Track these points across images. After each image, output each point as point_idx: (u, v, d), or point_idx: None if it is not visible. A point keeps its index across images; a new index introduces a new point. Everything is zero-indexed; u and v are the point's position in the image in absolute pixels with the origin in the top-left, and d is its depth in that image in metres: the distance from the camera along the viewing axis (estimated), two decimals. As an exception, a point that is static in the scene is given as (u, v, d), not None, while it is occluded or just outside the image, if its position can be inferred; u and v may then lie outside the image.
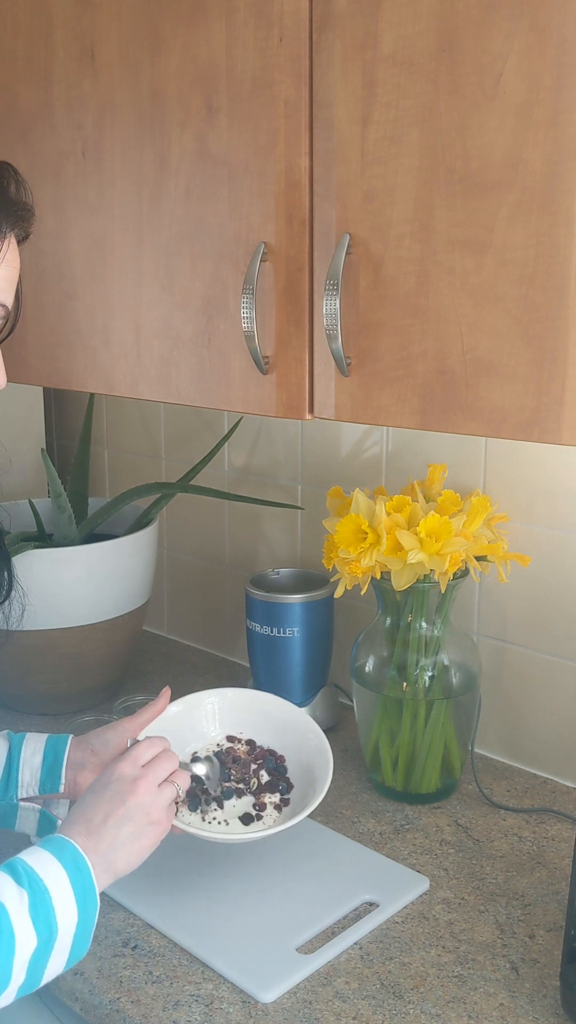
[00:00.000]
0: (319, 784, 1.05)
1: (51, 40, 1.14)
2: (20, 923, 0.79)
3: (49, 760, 1.05)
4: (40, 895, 0.81)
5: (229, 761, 1.10)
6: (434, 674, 1.21)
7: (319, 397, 0.98)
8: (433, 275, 0.86)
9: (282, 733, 1.13)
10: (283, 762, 1.12)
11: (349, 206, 0.91)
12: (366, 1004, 0.90)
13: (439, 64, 0.83)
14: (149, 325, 1.11)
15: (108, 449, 1.88)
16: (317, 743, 1.10)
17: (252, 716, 1.15)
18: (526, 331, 0.81)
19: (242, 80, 0.96)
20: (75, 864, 0.84)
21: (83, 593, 1.41)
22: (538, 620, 1.28)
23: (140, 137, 1.07)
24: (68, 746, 1.06)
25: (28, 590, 1.36)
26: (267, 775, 1.10)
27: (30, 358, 1.27)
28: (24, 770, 1.04)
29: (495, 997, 0.91)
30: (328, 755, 1.08)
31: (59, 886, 0.82)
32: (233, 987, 0.92)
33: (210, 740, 1.13)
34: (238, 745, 1.13)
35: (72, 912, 0.82)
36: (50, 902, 0.81)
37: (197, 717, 1.14)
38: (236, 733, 1.14)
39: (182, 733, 1.11)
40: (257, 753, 1.13)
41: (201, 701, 1.15)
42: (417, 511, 1.17)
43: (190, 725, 1.13)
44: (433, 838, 1.16)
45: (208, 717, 1.14)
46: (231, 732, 1.14)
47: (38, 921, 0.80)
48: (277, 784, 1.09)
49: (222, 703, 1.15)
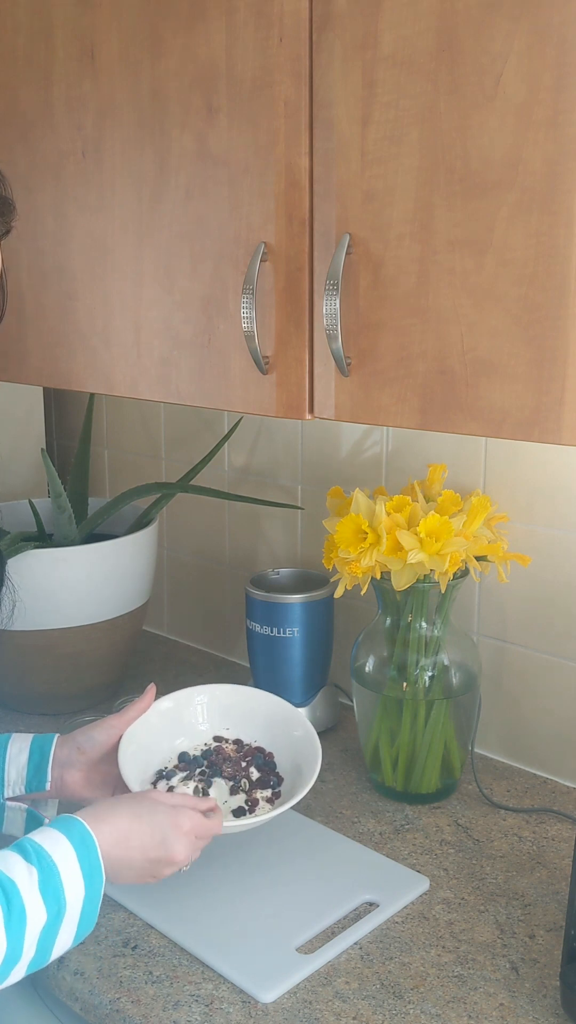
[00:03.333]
0: (308, 773, 1.06)
1: (51, 40, 1.14)
2: (31, 899, 0.80)
3: (36, 758, 1.05)
4: (49, 871, 0.82)
5: (220, 761, 1.11)
6: (434, 674, 1.21)
7: (319, 397, 0.98)
8: (433, 275, 0.86)
9: (270, 728, 1.14)
10: (271, 758, 1.13)
11: (349, 206, 0.91)
12: (366, 1004, 0.90)
13: (439, 64, 0.83)
14: (149, 325, 1.11)
15: (108, 449, 1.88)
16: (303, 734, 1.11)
17: (240, 713, 1.16)
18: (526, 331, 0.81)
19: (242, 80, 0.96)
20: (82, 840, 0.85)
21: (83, 593, 1.41)
22: (538, 620, 1.28)
23: (140, 137, 1.07)
24: (54, 744, 1.06)
25: (28, 590, 1.36)
26: (257, 772, 1.10)
27: (30, 358, 1.27)
28: (10, 768, 1.04)
29: (495, 997, 0.91)
30: (316, 744, 1.09)
31: (67, 862, 0.83)
32: (233, 987, 0.92)
33: (198, 737, 1.14)
34: (226, 744, 1.14)
35: (79, 887, 0.83)
36: (59, 877, 0.82)
37: (186, 714, 1.15)
38: (223, 732, 1.15)
39: (171, 729, 1.12)
40: (245, 751, 1.13)
41: (191, 698, 1.16)
42: (417, 511, 1.17)
43: (179, 721, 1.14)
44: (433, 838, 1.16)
45: (197, 714, 1.15)
46: (218, 732, 1.15)
47: (47, 896, 0.81)
48: (268, 780, 1.10)
49: (211, 701, 1.16)
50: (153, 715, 1.12)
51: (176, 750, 1.13)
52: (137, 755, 1.07)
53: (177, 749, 1.13)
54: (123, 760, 1.04)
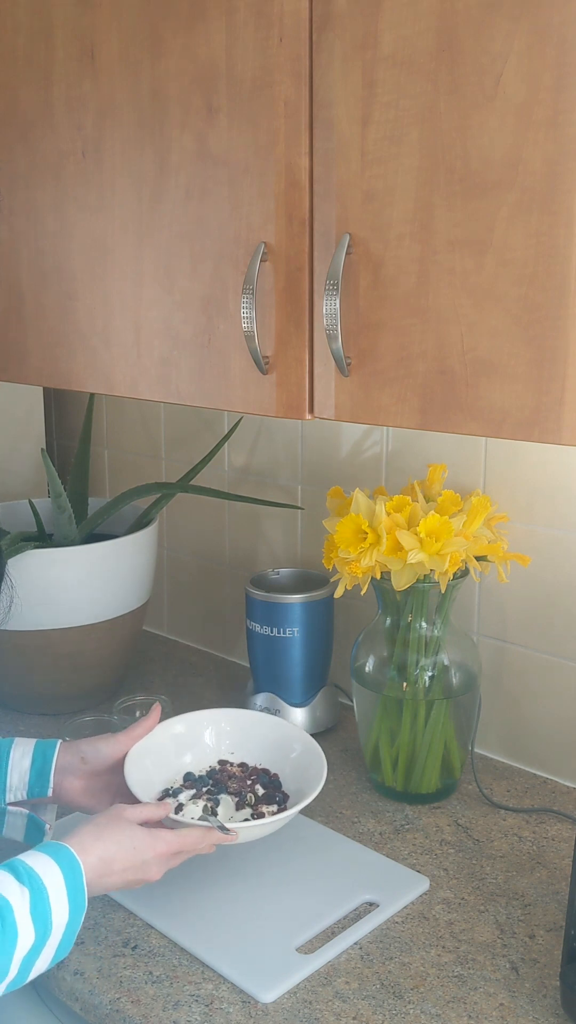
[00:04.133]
0: (314, 782, 1.06)
1: (51, 40, 1.14)
2: (22, 920, 0.81)
3: (38, 764, 1.05)
4: (40, 894, 0.83)
5: (225, 779, 1.13)
6: (434, 674, 1.21)
7: (319, 397, 0.98)
8: (433, 275, 0.86)
9: (273, 751, 1.16)
10: (277, 778, 1.14)
11: (349, 206, 0.91)
12: (366, 1004, 0.90)
13: (439, 64, 0.83)
14: (149, 325, 1.11)
15: (108, 449, 1.88)
16: (304, 748, 1.13)
17: (245, 738, 1.18)
18: (526, 331, 0.81)
19: (242, 80, 0.96)
20: (70, 867, 0.86)
21: (83, 593, 1.41)
22: (538, 620, 1.28)
23: (140, 137, 1.07)
24: (57, 750, 1.06)
25: (28, 590, 1.36)
26: (262, 788, 1.12)
27: (30, 358, 1.27)
28: (12, 773, 1.05)
29: (495, 997, 0.91)
30: (318, 751, 1.10)
31: (56, 887, 0.84)
32: (233, 987, 0.92)
33: (203, 760, 1.16)
34: (231, 766, 1.16)
35: (64, 913, 0.84)
36: (48, 901, 0.83)
37: (193, 737, 1.17)
38: (228, 756, 1.17)
39: (177, 750, 1.15)
40: (251, 771, 1.15)
41: (199, 722, 1.18)
42: (417, 511, 1.16)
43: (185, 743, 1.16)
44: (433, 838, 1.16)
45: (203, 738, 1.18)
46: (224, 756, 1.17)
47: (36, 919, 0.82)
48: (273, 796, 1.11)
49: (217, 725, 1.18)
50: (161, 735, 1.14)
51: (182, 770, 1.15)
52: (143, 772, 1.09)
53: (183, 769, 1.15)
54: (130, 776, 1.06)
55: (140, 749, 1.09)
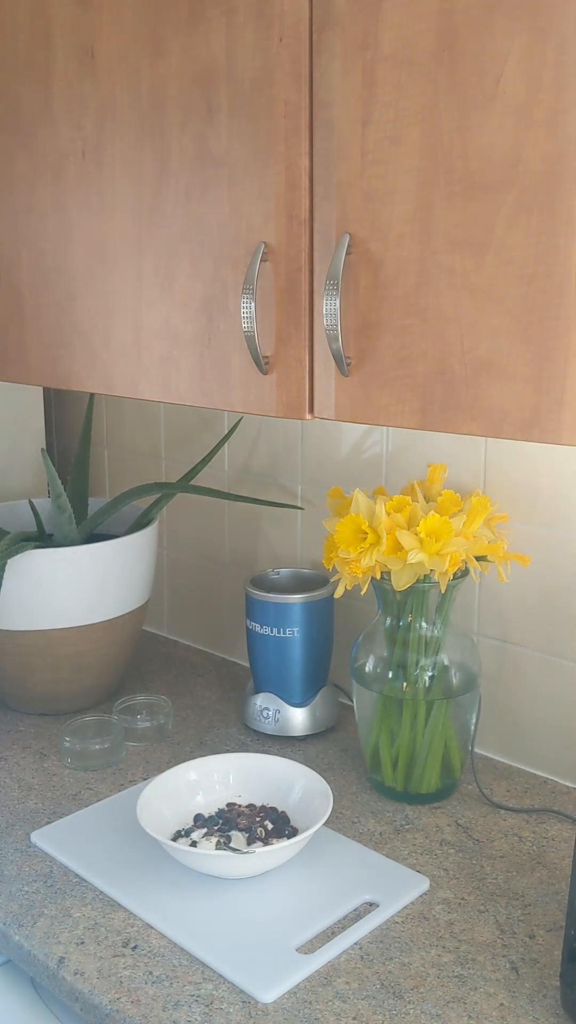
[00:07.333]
0: (320, 812, 1.09)
1: (51, 40, 1.14)
2: None
3: None
4: None
5: (235, 817, 1.14)
6: (434, 674, 1.21)
7: (319, 397, 0.98)
8: (433, 275, 0.86)
9: (280, 790, 1.18)
10: (284, 815, 1.15)
11: (349, 206, 0.91)
12: (366, 1004, 0.90)
13: (439, 64, 0.83)
14: (149, 325, 1.11)
15: (108, 449, 1.88)
16: (309, 782, 1.15)
17: (251, 780, 1.20)
18: (526, 331, 0.81)
19: (242, 80, 0.96)
20: None
21: (83, 593, 1.41)
22: (538, 620, 1.28)
23: (140, 137, 1.07)
24: None
25: (28, 590, 1.37)
26: (271, 824, 1.13)
27: (30, 358, 1.27)
28: None
29: (495, 997, 0.91)
30: (325, 788, 1.12)
31: None
32: (233, 987, 0.92)
33: (212, 804, 1.18)
34: (239, 807, 1.17)
35: None
36: None
37: (205, 783, 1.19)
38: (236, 799, 1.19)
39: (192, 796, 1.17)
40: (259, 810, 1.17)
41: (208, 768, 1.20)
42: (417, 511, 1.17)
43: (200, 789, 1.19)
44: (433, 838, 1.16)
45: (212, 782, 1.20)
46: (231, 799, 1.19)
47: None
48: (283, 830, 1.12)
49: (224, 771, 1.20)
50: (181, 783, 1.17)
51: (191, 812, 1.17)
52: (157, 816, 1.12)
53: (192, 812, 1.17)
54: (143, 819, 1.08)
55: (152, 795, 1.13)
